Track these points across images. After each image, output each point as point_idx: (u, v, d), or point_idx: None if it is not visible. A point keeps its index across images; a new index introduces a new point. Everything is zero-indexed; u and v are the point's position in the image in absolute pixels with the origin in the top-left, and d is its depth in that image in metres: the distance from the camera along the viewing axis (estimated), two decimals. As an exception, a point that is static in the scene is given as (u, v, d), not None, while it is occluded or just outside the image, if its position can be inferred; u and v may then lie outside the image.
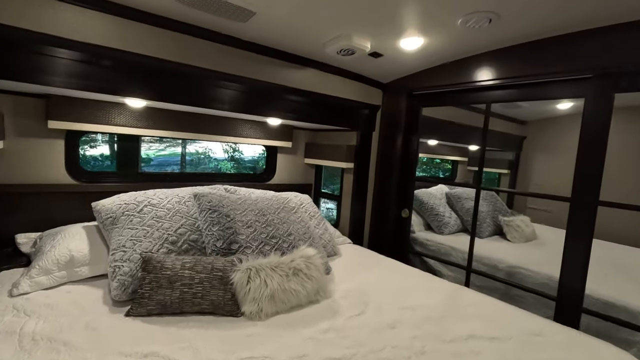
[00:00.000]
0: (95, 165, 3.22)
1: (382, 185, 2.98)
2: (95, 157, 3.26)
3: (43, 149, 2.00)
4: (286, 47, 2.23)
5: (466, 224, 3.38)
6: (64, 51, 1.57)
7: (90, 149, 3.09)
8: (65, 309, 1.45)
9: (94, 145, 3.16)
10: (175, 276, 1.50)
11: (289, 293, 1.60)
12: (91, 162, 3.16)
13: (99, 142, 3.20)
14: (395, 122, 2.87)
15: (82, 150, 2.44)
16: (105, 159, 3.32)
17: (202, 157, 9.34)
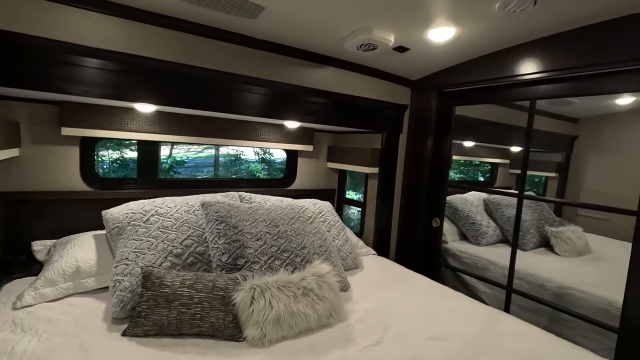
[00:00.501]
0: (112, 171, 3.25)
1: (411, 192, 2.74)
2: (113, 163, 3.30)
3: (58, 156, 1.99)
4: (302, 45, 2.07)
5: (507, 234, 3.04)
6: (85, 59, 1.54)
7: (108, 155, 3.12)
8: (63, 326, 1.39)
9: (112, 151, 3.19)
10: (174, 294, 1.39)
11: (297, 316, 1.44)
12: (106, 167, 3.19)
13: (117, 148, 3.23)
14: (425, 123, 2.62)
15: (98, 156, 2.43)
16: (124, 165, 3.34)
17: (234, 160, 9.45)
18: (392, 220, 2.76)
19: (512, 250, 2.21)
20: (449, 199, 3.26)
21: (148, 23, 1.68)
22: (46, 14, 1.47)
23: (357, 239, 2.60)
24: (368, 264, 2.37)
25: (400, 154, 2.72)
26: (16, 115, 1.86)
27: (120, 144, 3.62)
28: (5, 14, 1.38)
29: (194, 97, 1.85)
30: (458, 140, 3.09)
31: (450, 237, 3.11)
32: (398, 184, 2.75)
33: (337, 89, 2.29)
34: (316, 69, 2.20)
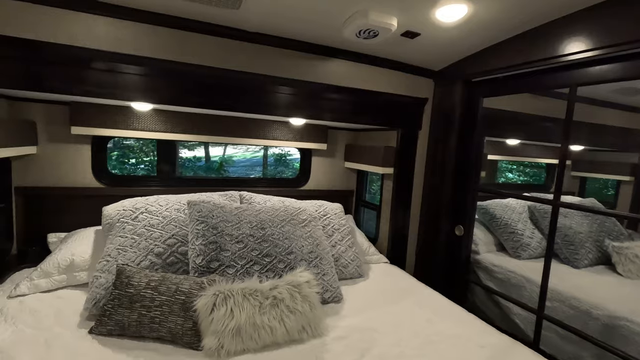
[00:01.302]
0: (127, 169, 3.40)
1: (432, 196, 2.45)
2: (128, 161, 3.45)
3: (71, 154, 2.11)
4: (301, 36, 1.94)
5: (556, 247, 2.60)
6: (102, 64, 1.61)
7: (121, 152, 3.27)
8: (42, 319, 1.43)
9: (124, 149, 3.34)
10: (137, 295, 1.35)
11: (261, 329, 1.32)
12: (117, 164, 3.34)
13: (132, 146, 3.37)
14: (448, 118, 2.32)
15: (111, 154, 2.54)
16: (139, 163, 3.49)
17: (279, 159, 9.59)
18: (410, 227, 2.49)
19: (544, 267, 1.85)
20: (485, 204, 2.90)
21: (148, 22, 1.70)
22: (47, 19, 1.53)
23: (369, 246, 2.40)
24: (375, 273, 2.16)
25: (421, 153, 2.45)
26: (33, 116, 2.00)
27: (133, 143, 3.81)
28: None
29: (184, 94, 1.82)
30: (492, 137, 2.72)
31: (483, 248, 2.75)
32: (418, 186, 2.49)
33: (343, 82, 2.11)
34: (320, 61, 2.05)
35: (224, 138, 2.44)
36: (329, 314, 1.63)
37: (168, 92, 1.78)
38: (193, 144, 9.73)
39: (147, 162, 6.90)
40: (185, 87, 1.81)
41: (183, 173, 8.86)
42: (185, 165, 9.50)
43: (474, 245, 2.72)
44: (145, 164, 6.93)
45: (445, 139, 2.34)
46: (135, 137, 2.21)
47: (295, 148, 2.74)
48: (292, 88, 1.99)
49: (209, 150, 10.11)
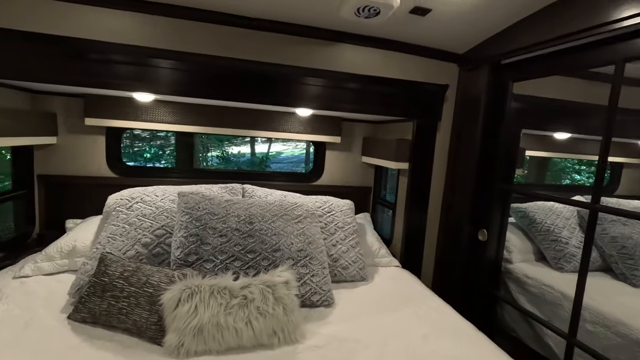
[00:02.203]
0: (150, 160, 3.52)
1: (452, 195, 2.19)
2: (145, 151, 3.55)
3: (87, 144, 2.21)
4: (301, 19, 1.81)
5: (609, 260, 2.21)
6: (118, 56, 1.64)
7: (140, 144, 3.36)
8: (33, 300, 1.48)
9: (145, 140, 3.43)
10: (109, 285, 1.34)
11: (225, 330, 1.23)
12: (133, 154, 3.44)
13: (151, 138, 3.47)
14: (472, 107, 2.04)
15: (126, 144, 2.62)
16: (156, 154, 3.59)
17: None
18: (428, 229, 2.25)
19: (578, 282, 1.54)
20: (524, 206, 2.54)
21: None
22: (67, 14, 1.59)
23: (380, 247, 2.21)
24: (381, 277, 1.97)
25: (441, 146, 2.20)
26: (54, 108, 2.12)
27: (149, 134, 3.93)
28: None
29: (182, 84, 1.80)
30: (530, 129, 2.37)
31: (518, 256, 2.41)
32: (437, 183, 2.23)
33: (349, 68, 1.95)
34: (323, 47, 1.91)
35: (236, 130, 2.41)
36: (313, 319, 1.50)
37: (186, 84, 1.77)
38: (240, 141, 10.11)
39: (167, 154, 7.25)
40: (201, 79, 1.78)
41: (227, 167, 9.21)
42: (230, 160, 9.89)
43: (507, 252, 2.40)
44: (166, 157, 7.29)
45: (469, 131, 2.06)
46: (145, 128, 2.26)
47: (310, 141, 2.62)
48: (293, 76, 1.87)
49: (255, 146, 10.43)
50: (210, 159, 9.35)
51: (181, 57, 1.71)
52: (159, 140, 7.30)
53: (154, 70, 1.72)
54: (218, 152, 9.54)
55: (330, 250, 1.88)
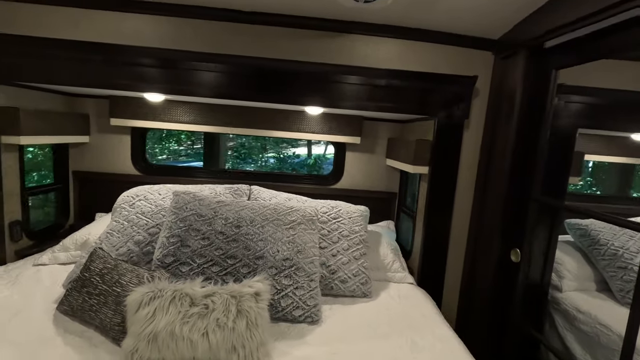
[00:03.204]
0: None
1: (481, 206, 1.87)
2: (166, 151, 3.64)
3: (114, 143, 2.35)
4: (306, 11, 1.69)
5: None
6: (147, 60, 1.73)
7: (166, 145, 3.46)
8: (36, 288, 1.58)
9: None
10: (87, 280, 1.36)
11: (180, 340, 1.15)
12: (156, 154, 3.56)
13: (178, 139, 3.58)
14: (507, 102, 1.71)
15: (154, 144, 2.73)
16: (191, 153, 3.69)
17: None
18: (452, 244, 1.95)
19: (629, 322, 1.17)
20: (586, 223, 2.09)
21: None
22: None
23: (395, 260, 1.97)
24: (388, 294, 1.75)
25: (470, 148, 1.89)
26: (87, 109, 2.29)
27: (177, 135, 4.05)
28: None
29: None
30: (590, 129, 1.92)
31: (572, 284, 1.97)
32: (465, 191, 1.93)
33: (358, 61, 1.77)
34: (330, 39, 1.77)
35: (253, 130, 2.37)
36: (290, 337, 1.36)
37: (223, 86, 1.78)
38: (298, 142, 10.30)
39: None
40: (232, 80, 1.79)
41: (281, 168, 9.43)
42: (286, 161, 10.13)
43: (557, 277, 1.98)
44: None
45: (501, 132, 1.73)
46: (165, 128, 2.32)
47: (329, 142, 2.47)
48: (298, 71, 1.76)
49: (312, 148, 10.55)
50: (266, 159, 9.68)
51: (217, 59, 1.72)
52: (192, 140, 7.73)
53: (192, 73, 1.74)
54: (274, 153, 9.85)
55: (329, 260, 1.71)
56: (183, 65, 1.72)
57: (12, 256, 1.89)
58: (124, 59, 1.70)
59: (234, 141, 8.97)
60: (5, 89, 1.75)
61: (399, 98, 1.79)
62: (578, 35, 1.39)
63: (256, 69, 1.76)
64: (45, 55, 1.69)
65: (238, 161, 9.10)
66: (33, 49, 1.67)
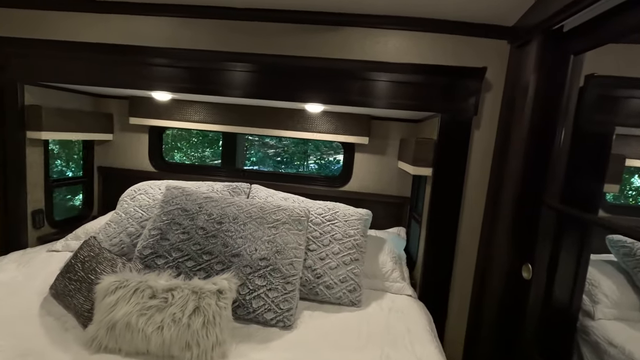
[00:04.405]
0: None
1: (492, 214, 1.65)
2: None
3: (133, 141, 2.49)
4: (298, 5, 1.65)
5: None
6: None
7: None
8: (41, 271, 1.69)
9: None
10: (71, 266, 1.43)
11: (135, 332, 1.15)
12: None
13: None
14: (518, 96, 1.51)
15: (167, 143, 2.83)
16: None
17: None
18: (459, 255, 1.76)
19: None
20: (632, 239, 1.76)
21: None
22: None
23: (394, 269, 1.82)
24: (379, 305, 1.61)
25: (482, 148, 1.69)
26: (111, 109, 2.46)
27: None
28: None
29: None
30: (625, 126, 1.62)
31: (608, 311, 1.66)
32: (476, 197, 1.73)
33: (356, 55, 1.69)
34: (327, 33, 1.70)
35: (255, 129, 2.37)
36: (254, 339, 1.30)
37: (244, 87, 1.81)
38: (340, 149, 10.28)
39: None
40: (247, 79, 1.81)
41: (320, 172, 9.44)
42: (327, 166, 10.15)
43: (590, 303, 1.68)
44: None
45: (513, 130, 1.53)
46: (181, 127, 2.40)
47: (338, 142, 2.39)
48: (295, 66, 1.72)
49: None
50: (307, 165, 9.77)
51: (236, 57, 1.75)
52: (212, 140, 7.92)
53: (212, 72, 1.79)
54: (315, 159, 9.91)
55: (316, 264, 1.62)
56: (202, 64, 1.77)
57: (34, 242, 2.06)
58: (139, 59, 1.78)
59: (275, 148, 9.17)
60: (31, 89, 1.93)
61: (396, 93, 1.66)
62: (601, 12, 1.17)
63: (265, 66, 1.74)
64: (65, 57, 1.83)
65: (280, 165, 9.29)
66: (55, 52, 1.83)
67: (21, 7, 1.87)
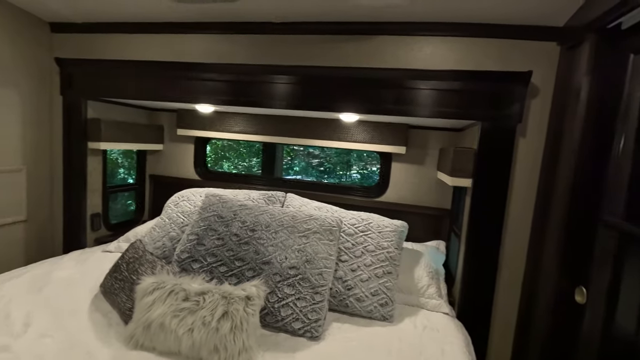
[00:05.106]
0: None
1: (541, 229, 1.52)
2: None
3: (181, 151, 2.65)
4: (321, 16, 1.68)
5: None
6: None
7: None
8: (95, 270, 1.82)
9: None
10: (117, 266, 1.54)
11: (168, 332, 1.20)
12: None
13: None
14: (573, 100, 1.38)
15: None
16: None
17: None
18: (503, 273, 1.63)
19: None
20: None
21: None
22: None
23: (430, 285, 1.73)
24: (412, 322, 1.54)
25: (530, 158, 1.57)
26: (162, 121, 2.65)
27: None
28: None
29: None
30: None
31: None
32: (522, 210, 1.60)
33: (392, 63, 1.67)
34: (359, 42, 1.71)
35: (293, 139, 2.41)
36: (281, 348, 1.30)
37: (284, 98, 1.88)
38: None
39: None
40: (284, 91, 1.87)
41: (363, 182, 9.35)
42: (370, 176, 10.05)
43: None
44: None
45: (567, 140, 1.40)
46: (222, 137, 2.52)
47: (375, 152, 2.35)
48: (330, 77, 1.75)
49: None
50: (350, 175, 9.75)
51: (280, 70, 1.82)
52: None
53: (261, 85, 1.86)
54: (358, 169, 9.87)
55: (347, 275, 1.60)
56: (242, 77, 1.86)
57: (92, 243, 2.26)
58: (186, 74, 1.92)
59: (318, 158, 9.27)
60: (93, 104, 2.15)
61: (432, 101, 1.60)
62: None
63: (301, 77, 1.79)
64: (122, 75, 2.02)
65: (323, 175, 9.37)
66: (113, 70, 2.02)
67: (83, 32, 2.11)
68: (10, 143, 2.08)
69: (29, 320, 1.33)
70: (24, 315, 1.35)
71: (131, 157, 3.89)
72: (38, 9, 2.04)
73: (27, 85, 2.12)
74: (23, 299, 1.47)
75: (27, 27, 2.09)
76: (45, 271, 1.75)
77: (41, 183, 2.29)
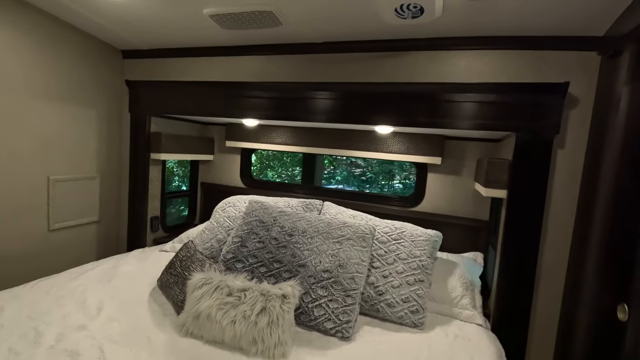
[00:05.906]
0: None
1: (582, 243, 1.47)
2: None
3: (229, 161, 2.87)
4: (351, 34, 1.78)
5: None
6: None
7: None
8: (154, 267, 2.06)
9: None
10: (172, 263, 1.74)
11: (214, 322, 1.35)
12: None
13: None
14: (613, 112, 1.35)
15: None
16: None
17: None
18: (541, 286, 1.59)
19: None
20: None
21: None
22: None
23: (464, 295, 1.73)
24: (444, 331, 1.56)
25: (570, 170, 1.54)
26: (213, 134, 2.91)
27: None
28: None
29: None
30: None
31: None
32: (561, 223, 1.56)
33: (428, 77, 1.74)
34: (395, 58, 1.79)
35: (330, 150, 2.53)
36: (314, 345, 1.39)
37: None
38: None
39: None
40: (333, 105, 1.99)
41: (405, 193, 9.23)
42: (411, 186, 9.90)
43: None
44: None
45: (608, 149, 1.36)
46: (266, 149, 2.71)
47: (411, 162, 2.39)
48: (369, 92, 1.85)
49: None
50: (392, 185, 9.70)
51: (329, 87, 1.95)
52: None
53: (303, 101, 2.02)
54: (400, 179, 9.80)
55: (378, 281, 1.66)
56: (286, 94, 2.02)
57: (151, 242, 2.53)
58: (235, 92, 2.13)
59: (361, 167, 9.33)
60: (154, 120, 2.43)
61: (466, 113, 1.63)
62: None
63: (340, 93, 1.92)
64: (180, 93, 2.28)
65: (364, 184, 9.42)
66: (173, 90, 2.29)
67: (149, 57, 2.41)
68: (89, 154, 2.43)
69: (101, 305, 1.56)
70: (98, 302, 1.58)
71: (185, 167, 4.28)
72: (113, 39, 2.38)
73: (102, 104, 2.47)
74: (96, 288, 1.72)
75: (104, 55, 2.44)
76: (112, 266, 2.01)
77: (110, 189, 2.62)
